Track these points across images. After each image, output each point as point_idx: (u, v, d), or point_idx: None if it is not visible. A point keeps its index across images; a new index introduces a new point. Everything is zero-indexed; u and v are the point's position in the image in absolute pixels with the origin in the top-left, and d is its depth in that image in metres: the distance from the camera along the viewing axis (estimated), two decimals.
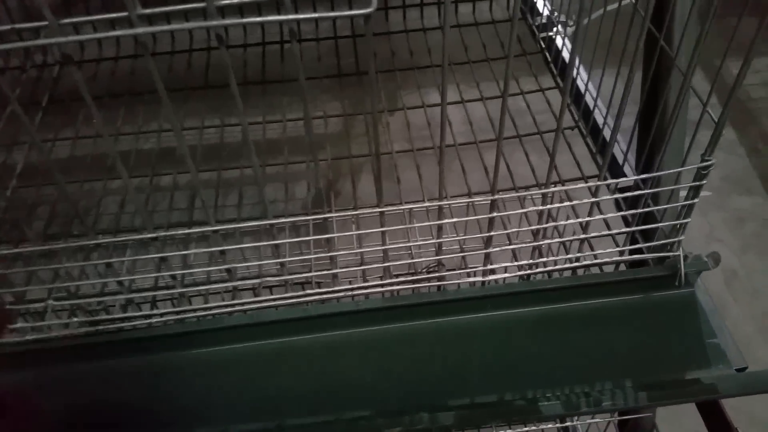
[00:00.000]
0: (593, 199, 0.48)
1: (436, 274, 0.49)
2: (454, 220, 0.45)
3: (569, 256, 0.51)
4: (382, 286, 0.48)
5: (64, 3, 0.82)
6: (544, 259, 0.50)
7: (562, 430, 0.97)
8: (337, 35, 0.87)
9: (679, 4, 0.48)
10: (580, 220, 0.50)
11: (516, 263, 0.50)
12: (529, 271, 0.51)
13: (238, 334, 0.50)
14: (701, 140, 0.48)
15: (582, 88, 0.70)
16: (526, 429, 0.89)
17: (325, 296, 0.48)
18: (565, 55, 0.79)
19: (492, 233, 0.46)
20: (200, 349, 0.50)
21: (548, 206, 0.47)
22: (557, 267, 0.51)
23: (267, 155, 0.72)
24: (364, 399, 0.48)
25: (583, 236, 0.50)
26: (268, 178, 0.70)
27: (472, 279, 0.50)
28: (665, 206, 0.48)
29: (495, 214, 0.44)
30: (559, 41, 0.81)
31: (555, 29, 0.82)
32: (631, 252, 0.52)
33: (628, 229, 0.50)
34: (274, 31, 1.12)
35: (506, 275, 0.50)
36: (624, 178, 0.48)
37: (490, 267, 0.49)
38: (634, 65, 0.43)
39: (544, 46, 0.82)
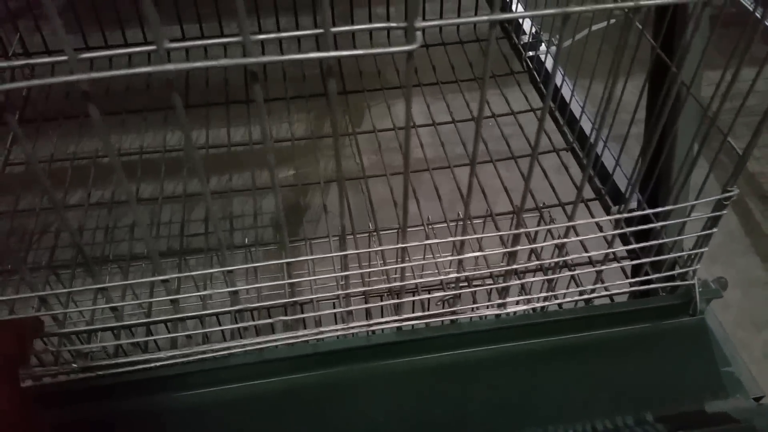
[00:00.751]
0: (606, 233, 0.48)
1: (451, 309, 0.48)
2: (477, 254, 0.43)
3: (581, 288, 0.50)
4: (398, 321, 0.46)
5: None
6: (557, 292, 0.49)
7: None
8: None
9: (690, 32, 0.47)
10: (592, 253, 0.49)
11: (528, 296, 0.49)
12: (542, 303, 0.50)
13: (244, 372, 0.48)
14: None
15: (577, 111, 0.70)
16: None
17: (340, 332, 0.46)
18: (549, 73, 0.79)
19: (513, 266, 0.44)
20: (203, 389, 0.47)
21: (563, 240, 0.46)
22: (572, 299, 0.50)
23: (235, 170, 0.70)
24: None
25: (596, 268, 0.49)
26: (242, 194, 0.68)
27: (485, 312, 0.49)
28: (684, 237, 0.48)
29: (519, 247, 0.43)
30: (541, 58, 0.81)
31: (541, 48, 0.82)
32: (642, 282, 0.51)
33: (643, 260, 0.49)
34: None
35: (519, 307, 0.49)
36: (638, 212, 0.48)
37: (507, 300, 0.47)
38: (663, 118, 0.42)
39: (532, 65, 0.82)
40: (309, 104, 0.77)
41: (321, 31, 0.28)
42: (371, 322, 0.45)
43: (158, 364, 0.46)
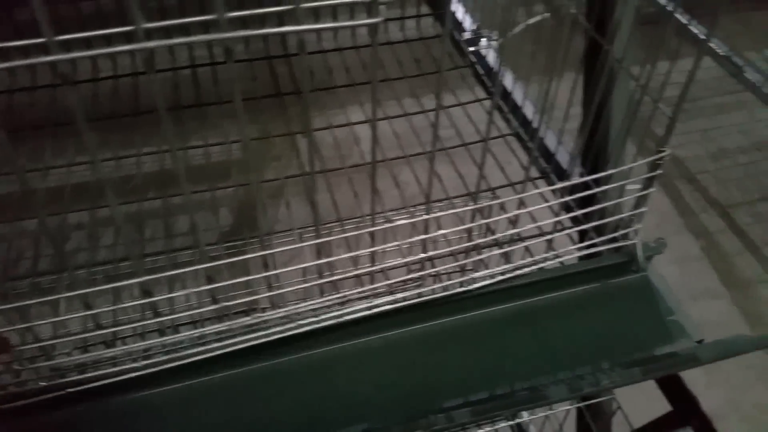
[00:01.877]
0: (552, 202, 0.51)
1: (419, 279, 0.50)
2: (441, 232, 0.46)
3: (536, 258, 0.53)
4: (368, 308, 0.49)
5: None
6: (515, 264, 0.53)
7: (515, 427, 1.01)
8: (271, 55, 0.87)
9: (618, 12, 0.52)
10: (541, 223, 0.53)
11: (489, 271, 0.52)
12: (501, 273, 0.53)
13: (230, 360, 0.49)
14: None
15: (519, 100, 0.75)
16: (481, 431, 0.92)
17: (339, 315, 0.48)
18: (493, 66, 0.83)
19: (473, 243, 0.48)
20: (190, 380, 0.48)
21: (515, 212, 0.50)
22: (528, 269, 0.53)
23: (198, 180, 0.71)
24: (356, 412, 0.48)
25: (546, 237, 0.53)
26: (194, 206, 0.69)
27: (451, 291, 0.52)
28: (625, 198, 0.52)
29: (477, 223, 0.46)
30: (483, 53, 0.86)
31: (482, 43, 0.87)
32: (588, 245, 0.55)
33: (589, 224, 0.53)
34: (202, 53, 1.09)
35: (482, 282, 0.52)
36: (579, 180, 0.52)
37: (469, 276, 0.50)
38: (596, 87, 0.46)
39: (475, 60, 0.86)
40: (261, 105, 0.79)
41: (293, 6, 0.31)
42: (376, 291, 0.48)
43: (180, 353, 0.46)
